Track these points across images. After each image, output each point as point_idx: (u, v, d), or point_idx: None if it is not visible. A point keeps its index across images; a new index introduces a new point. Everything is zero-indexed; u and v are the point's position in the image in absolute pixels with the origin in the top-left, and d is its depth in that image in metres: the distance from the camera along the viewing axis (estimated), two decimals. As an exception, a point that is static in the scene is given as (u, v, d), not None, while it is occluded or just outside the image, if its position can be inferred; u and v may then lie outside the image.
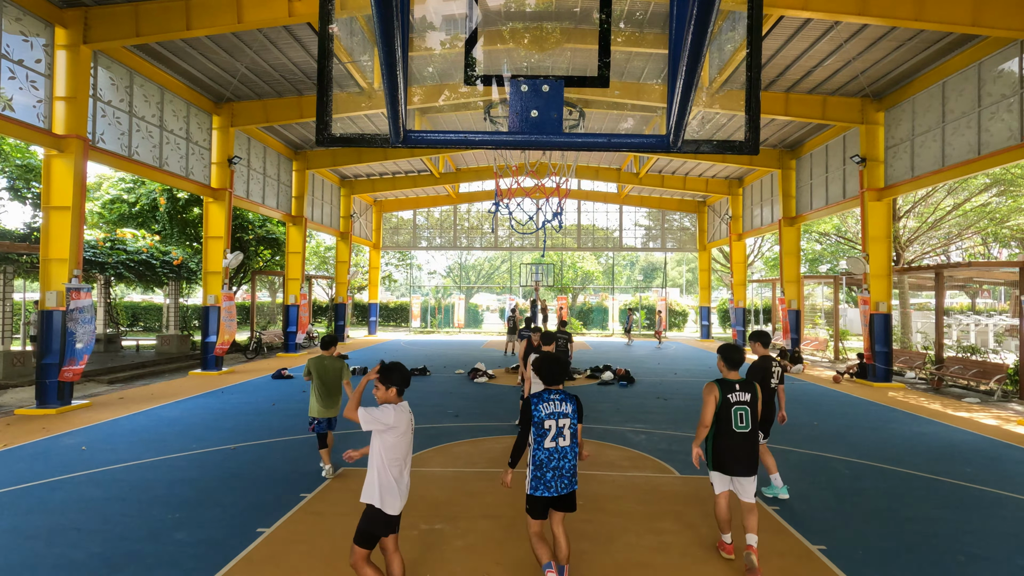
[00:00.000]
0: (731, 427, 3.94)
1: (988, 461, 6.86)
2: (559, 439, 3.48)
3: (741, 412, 3.96)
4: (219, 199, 14.27)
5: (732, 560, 4.12)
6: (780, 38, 11.42)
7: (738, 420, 3.95)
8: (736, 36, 10.19)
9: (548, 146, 2.83)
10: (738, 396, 3.98)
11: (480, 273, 48.97)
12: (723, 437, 3.98)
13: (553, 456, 3.46)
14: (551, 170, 12.36)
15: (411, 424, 3.44)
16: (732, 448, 3.95)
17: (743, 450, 3.95)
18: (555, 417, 3.49)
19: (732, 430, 3.94)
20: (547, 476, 3.45)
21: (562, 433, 3.49)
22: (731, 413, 3.95)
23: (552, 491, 3.45)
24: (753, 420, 3.99)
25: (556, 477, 3.46)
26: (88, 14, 9.85)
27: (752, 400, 4.01)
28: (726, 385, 4.01)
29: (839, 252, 26.53)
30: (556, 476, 3.46)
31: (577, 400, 3.64)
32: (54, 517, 4.78)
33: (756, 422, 4.01)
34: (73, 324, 9.28)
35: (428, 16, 5.90)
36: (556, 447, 3.47)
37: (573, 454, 3.53)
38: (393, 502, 3.24)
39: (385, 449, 3.29)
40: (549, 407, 3.50)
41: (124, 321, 23.99)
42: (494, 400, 10.47)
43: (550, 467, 3.46)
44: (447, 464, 6.43)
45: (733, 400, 3.97)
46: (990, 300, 34.67)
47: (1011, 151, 9.96)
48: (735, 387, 4.00)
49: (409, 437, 3.41)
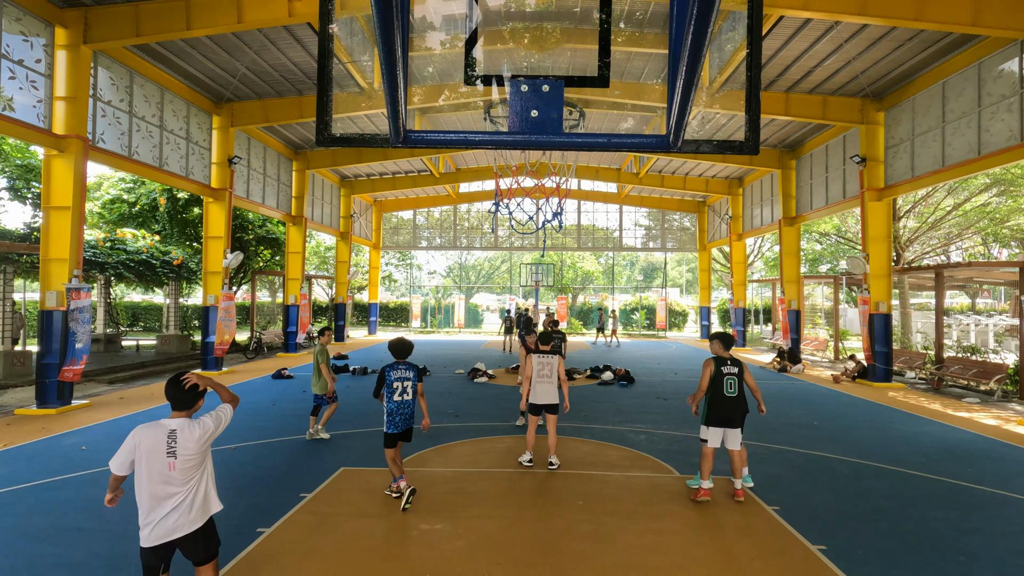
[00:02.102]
0: (723, 391, 5.22)
1: (988, 461, 6.86)
2: (404, 395, 5.08)
3: (731, 380, 5.24)
4: (219, 199, 14.27)
5: (708, 501, 5.21)
6: (780, 38, 11.42)
7: (728, 387, 5.23)
8: (736, 36, 10.19)
9: (548, 146, 2.83)
10: (729, 368, 5.27)
11: (480, 273, 48.97)
12: (717, 399, 5.22)
13: (400, 406, 5.06)
14: (551, 170, 12.36)
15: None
16: (723, 407, 5.22)
17: (731, 409, 5.23)
18: (400, 380, 5.07)
19: (724, 394, 5.22)
20: (396, 419, 5.05)
21: (406, 390, 5.08)
22: (723, 381, 5.23)
23: (399, 428, 5.07)
24: (740, 388, 5.25)
25: (402, 420, 5.06)
26: (88, 14, 9.85)
27: (739, 373, 5.29)
28: (720, 360, 5.32)
29: (839, 252, 26.54)
30: (402, 419, 5.06)
31: (416, 368, 5.23)
32: (54, 517, 4.78)
33: (742, 390, 5.27)
34: (73, 324, 9.28)
35: (428, 16, 5.90)
36: (402, 400, 5.07)
37: (414, 404, 5.16)
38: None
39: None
40: (397, 373, 5.08)
41: (124, 321, 24.00)
42: (494, 400, 10.47)
43: (398, 413, 5.05)
44: (447, 464, 6.43)
45: (725, 371, 5.25)
46: (990, 300, 34.66)
47: (1011, 151, 9.96)
48: (727, 362, 5.31)
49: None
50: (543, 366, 6.24)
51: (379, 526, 4.69)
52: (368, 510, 5.02)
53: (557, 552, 4.28)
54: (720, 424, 5.23)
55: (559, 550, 4.31)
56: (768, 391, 11.90)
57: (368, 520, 4.80)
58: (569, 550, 4.32)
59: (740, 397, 5.24)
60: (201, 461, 2.98)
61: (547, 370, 6.24)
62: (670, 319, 31.05)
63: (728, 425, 5.24)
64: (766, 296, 31.17)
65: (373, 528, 4.64)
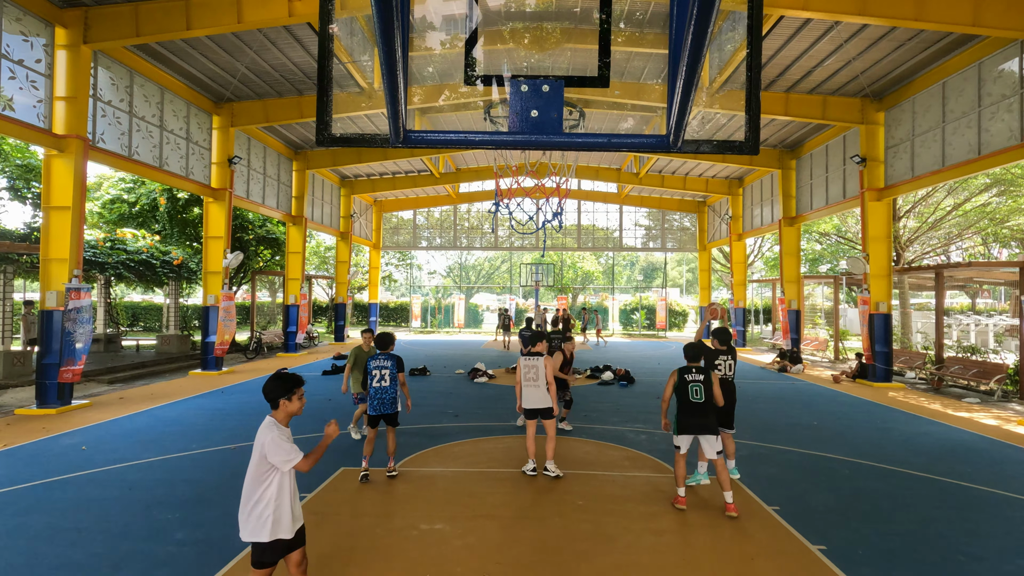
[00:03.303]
0: (688, 399, 5.16)
1: (988, 461, 6.86)
2: (382, 381, 5.70)
3: (695, 387, 5.15)
4: (219, 199, 14.27)
5: (684, 511, 5.08)
6: (780, 38, 11.42)
7: (693, 393, 5.15)
8: (736, 36, 10.18)
9: (548, 146, 2.83)
10: (693, 376, 5.21)
11: (480, 273, 48.96)
12: (684, 406, 5.17)
13: (377, 392, 5.70)
14: (551, 170, 12.36)
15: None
16: (691, 414, 5.15)
17: (700, 415, 5.13)
18: (380, 368, 5.71)
19: (690, 400, 5.15)
20: (374, 402, 5.71)
21: (384, 377, 5.69)
22: (687, 388, 5.17)
23: (379, 411, 5.72)
24: (707, 394, 5.14)
25: (379, 403, 5.70)
26: (88, 14, 9.85)
27: (705, 380, 5.18)
28: (683, 369, 5.28)
29: (839, 252, 26.53)
30: (379, 403, 5.70)
31: (396, 358, 5.77)
32: (54, 517, 4.78)
33: (710, 396, 5.14)
34: (72, 324, 9.28)
35: (428, 16, 5.89)
36: (379, 386, 5.70)
37: (393, 390, 5.74)
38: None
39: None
40: (376, 362, 5.72)
41: (124, 321, 23.99)
42: (494, 400, 10.47)
43: (375, 397, 5.70)
44: (447, 464, 6.43)
45: (689, 379, 5.19)
46: (990, 300, 34.65)
47: (1011, 151, 9.96)
48: (691, 370, 5.25)
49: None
50: (528, 369, 5.98)
51: (379, 526, 4.69)
52: (368, 510, 5.03)
53: (557, 552, 4.28)
54: (689, 431, 5.16)
55: (559, 550, 4.31)
56: (768, 391, 11.90)
57: (368, 520, 4.80)
58: (569, 550, 4.32)
59: (708, 403, 5.13)
60: (268, 476, 2.98)
61: (532, 373, 5.96)
62: (670, 319, 31.04)
63: (699, 431, 5.14)
64: (766, 296, 31.18)
65: (373, 528, 4.64)
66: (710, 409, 5.14)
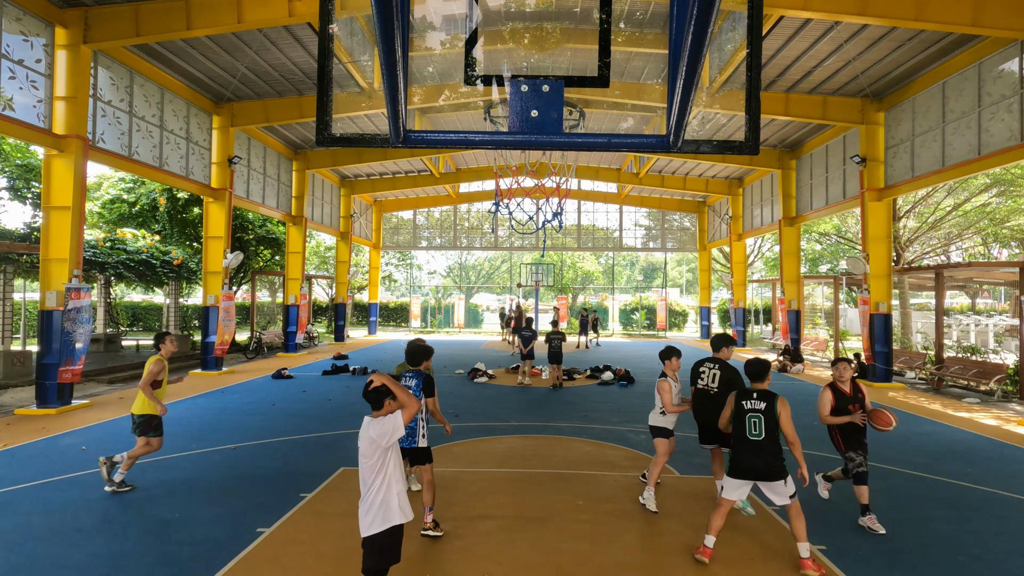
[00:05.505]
0: (744, 434, 4.12)
1: (988, 461, 6.86)
2: None
3: (754, 420, 4.10)
4: (219, 199, 14.27)
5: (707, 564, 4.08)
6: (780, 38, 11.42)
7: (752, 428, 4.09)
8: (736, 36, 10.19)
9: (548, 146, 2.83)
10: (752, 404, 4.14)
11: (480, 273, 48.97)
12: (738, 443, 4.15)
13: None
14: (551, 170, 12.36)
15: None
16: (746, 454, 4.10)
17: (756, 455, 4.07)
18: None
19: (746, 436, 4.11)
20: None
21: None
22: (745, 420, 4.12)
23: (402, 444, 4.69)
24: (768, 428, 4.05)
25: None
26: (88, 14, 9.85)
27: (767, 410, 4.07)
28: (743, 394, 4.23)
29: (839, 252, 26.54)
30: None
31: (426, 377, 4.81)
32: (54, 517, 4.78)
33: (773, 431, 4.06)
34: (71, 324, 9.28)
35: (428, 16, 5.90)
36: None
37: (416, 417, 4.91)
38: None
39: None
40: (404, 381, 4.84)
41: (124, 321, 23.98)
42: (494, 400, 10.47)
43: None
44: (447, 464, 6.42)
45: (747, 407, 4.14)
46: (990, 300, 34.66)
47: (1011, 151, 9.96)
48: (753, 396, 4.18)
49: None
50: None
51: (379, 526, 4.68)
52: (368, 510, 5.02)
53: (557, 552, 4.28)
54: (744, 475, 4.09)
55: (559, 550, 4.31)
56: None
57: (368, 520, 4.80)
58: (569, 550, 4.32)
59: (769, 441, 4.05)
60: (378, 463, 3.09)
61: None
62: (670, 319, 31.04)
63: (757, 477, 4.07)
64: (766, 296, 31.17)
65: (373, 528, 4.64)
66: (771, 448, 4.05)
